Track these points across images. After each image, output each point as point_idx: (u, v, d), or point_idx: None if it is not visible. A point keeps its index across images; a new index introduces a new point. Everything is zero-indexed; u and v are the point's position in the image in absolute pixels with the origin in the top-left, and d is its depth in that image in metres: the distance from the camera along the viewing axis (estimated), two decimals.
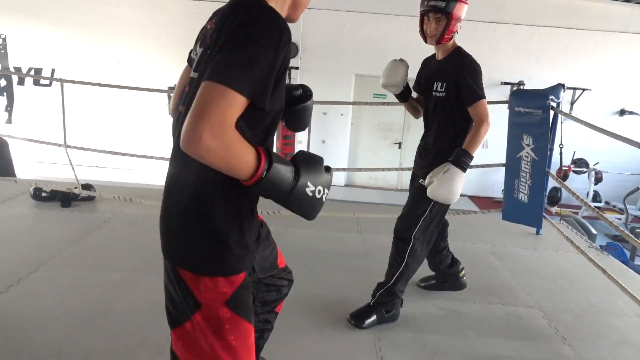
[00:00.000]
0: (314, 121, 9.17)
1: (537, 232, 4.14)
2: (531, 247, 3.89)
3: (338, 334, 2.44)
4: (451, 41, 2.41)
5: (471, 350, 2.39)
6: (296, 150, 7.36)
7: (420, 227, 2.44)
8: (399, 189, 9.46)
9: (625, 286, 2.62)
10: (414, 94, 2.71)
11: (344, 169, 8.89)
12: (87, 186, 4.27)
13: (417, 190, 2.49)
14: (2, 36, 8.54)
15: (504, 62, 8.62)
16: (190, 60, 1.35)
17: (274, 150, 1.14)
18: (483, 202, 8.32)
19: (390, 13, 8.52)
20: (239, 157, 0.99)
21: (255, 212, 1.29)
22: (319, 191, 1.14)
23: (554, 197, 8.65)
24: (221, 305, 1.19)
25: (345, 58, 8.66)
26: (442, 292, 2.94)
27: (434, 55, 2.58)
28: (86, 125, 8.50)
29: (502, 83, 8.66)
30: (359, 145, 9.34)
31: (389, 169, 5.12)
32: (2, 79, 8.70)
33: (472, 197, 8.90)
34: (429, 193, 2.29)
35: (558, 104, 3.83)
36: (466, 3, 2.36)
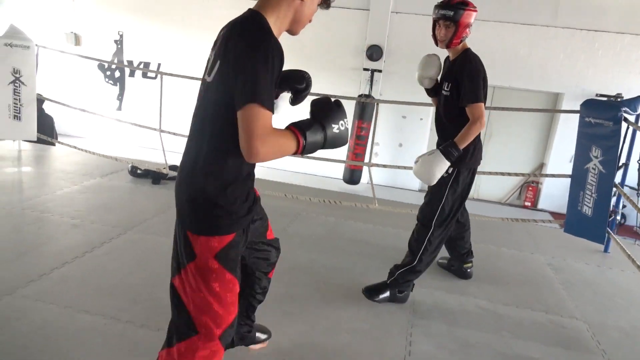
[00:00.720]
0: (392, 123, 9.31)
1: (606, 250, 3.97)
2: (594, 263, 3.75)
3: (373, 316, 2.61)
4: (461, 44, 2.59)
5: (502, 348, 2.45)
6: (368, 152, 7.55)
7: (439, 215, 2.63)
8: (475, 198, 9.27)
9: None
10: None
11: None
12: (174, 167, 4.80)
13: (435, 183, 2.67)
14: (120, 33, 9.64)
15: (601, 73, 8.13)
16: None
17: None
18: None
19: (479, 19, 8.36)
20: (285, 146, 1.35)
21: (250, 188, 1.57)
22: (342, 124, 1.44)
23: None
24: (211, 258, 1.48)
25: None
26: (487, 294, 3.00)
27: (448, 57, 2.75)
28: (183, 115, 9.36)
29: (597, 95, 8.16)
30: None
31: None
32: (117, 71, 9.80)
33: (553, 214, 8.50)
34: (413, 170, 2.57)
35: (638, 116, 3.68)
36: (474, 10, 2.55)
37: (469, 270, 3.19)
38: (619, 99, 8.05)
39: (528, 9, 8.11)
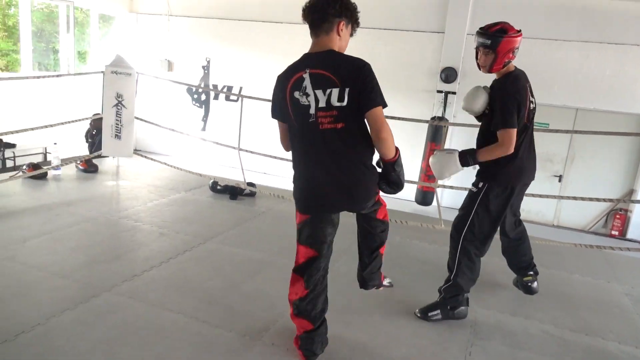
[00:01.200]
0: (466, 146, 9.11)
1: None
2: None
3: (433, 333, 2.67)
4: (504, 67, 2.65)
5: None
6: None
7: (468, 227, 2.69)
8: (556, 225, 8.82)
9: None
10: None
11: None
12: (251, 184, 5.15)
13: (468, 195, 2.77)
14: (207, 59, 10.42)
15: None
16: (294, 101, 2.06)
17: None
18: None
19: (561, 39, 8.11)
20: (393, 142, 2.07)
21: None
22: (402, 171, 2.17)
23: None
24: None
25: None
26: (553, 320, 2.93)
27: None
28: (263, 135, 9.91)
29: None
30: None
31: (547, 196, 4.91)
32: (203, 94, 10.58)
33: None
34: (429, 161, 2.71)
35: None
36: (516, 37, 2.58)
37: (529, 284, 3.14)
38: None
39: (615, 27, 7.74)
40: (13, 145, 7.97)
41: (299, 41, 10.72)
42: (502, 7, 8.27)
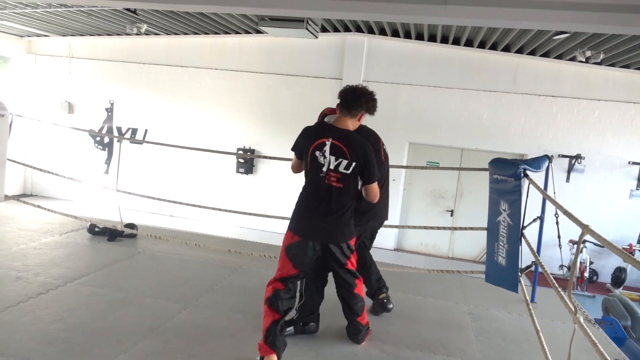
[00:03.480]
0: None
1: (532, 300, 4.10)
2: (517, 312, 3.88)
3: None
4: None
5: None
6: None
7: None
8: (450, 256, 9.39)
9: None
10: None
11: (395, 226, 8.95)
12: (130, 225, 5.08)
13: None
14: (111, 101, 10.28)
15: (561, 135, 8.52)
16: (313, 157, 2.77)
17: None
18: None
19: (444, 86, 8.91)
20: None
21: None
22: None
23: (618, 278, 8.05)
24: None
25: (399, 127, 9.09)
26: (394, 339, 3.14)
27: None
28: (161, 176, 9.81)
29: (559, 155, 8.50)
30: (410, 210, 9.51)
31: (441, 228, 5.27)
32: (106, 137, 10.35)
33: None
34: None
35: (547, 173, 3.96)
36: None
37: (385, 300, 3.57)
38: (579, 160, 8.40)
39: (488, 76, 8.66)
40: None
41: (203, 84, 10.90)
42: (391, 58, 9.00)
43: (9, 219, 5.37)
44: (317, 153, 2.74)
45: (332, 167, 2.73)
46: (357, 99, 2.80)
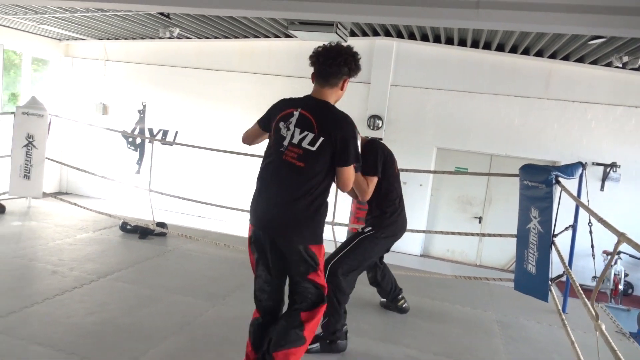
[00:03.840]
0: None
1: (564, 310, 4.00)
2: (547, 322, 3.79)
3: None
4: None
5: None
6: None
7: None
8: (478, 264, 9.23)
9: None
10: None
11: (422, 231, 8.86)
12: (161, 224, 5.19)
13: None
14: (144, 103, 10.54)
15: (596, 142, 8.29)
16: (277, 128, 2.27)
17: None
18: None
19: (474, 91, 8.80)
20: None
21: None
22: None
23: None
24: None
25: (427, 132, 9.02)
26: (420, 345, 3.12)
27: None
28: (191, 177, 9.98)
29: (593, 163, 8.27)
30: (437, 216, 9.41)
31: (469, 234, 5.20)
32: (138, 138, 10.61)
33: None
34: None
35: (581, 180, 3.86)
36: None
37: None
38: (614, 168, 8.14)
39: (520, 82, 8.51)
40: None
41: (232, 87, 11.09)
42: (420, 62, 8.94)
43: (47, 215, 5.57)
44: (282, 124, 2.24)
45: (295, 141, 2.19)
46: (333, 60, 2.22)
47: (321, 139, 2.16)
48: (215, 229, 6.69)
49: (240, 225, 8.86)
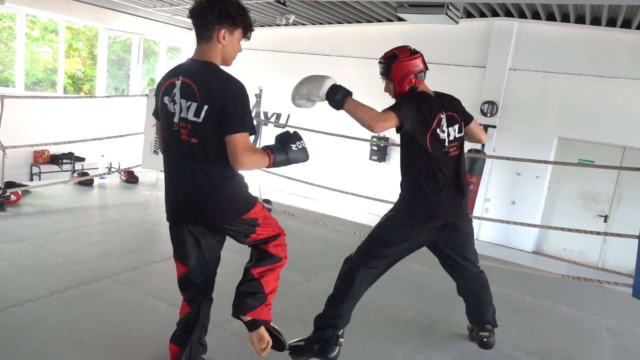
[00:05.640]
0: (506, 180, 9.03)
1: None
2: None
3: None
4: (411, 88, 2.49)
5: None
6: (477, 202, 7.62)
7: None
8: (600, 267, 8.38)
9: None
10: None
11: (534, 225, 8.31)
12: (266, 200, 5.53)
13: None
14: (260, 88, 11.16)
15: None
16: (164, 105, 1.98)
17: None
18: None
19: (607, 75, 7.91)
20: (262, 161, 1.96)
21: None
22: (298, 145, 2.09)
23: None
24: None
25: (548, 120, 8.34)
26: (513, 341, 2.98)
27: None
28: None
29: None
30: (554, 212, 8.69)
31: (588, 232, 4.72)
32: (254, 120, 11.28)
33: None
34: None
35: None
36: (409, 60, 2.42)
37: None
38: None
39: None
40: (82, 159, 9.01)
41: (343, 72, 11.26)
42: (543, 44, 8.25)
43: None
44: (167, 99, 1.95)
45: (183, 114, 1.89)
46: (204, 9, 1.89)
47: (205, 107, 1.84)
48: (319, 210, 6.96)
49: (343, 208, 9.08)
